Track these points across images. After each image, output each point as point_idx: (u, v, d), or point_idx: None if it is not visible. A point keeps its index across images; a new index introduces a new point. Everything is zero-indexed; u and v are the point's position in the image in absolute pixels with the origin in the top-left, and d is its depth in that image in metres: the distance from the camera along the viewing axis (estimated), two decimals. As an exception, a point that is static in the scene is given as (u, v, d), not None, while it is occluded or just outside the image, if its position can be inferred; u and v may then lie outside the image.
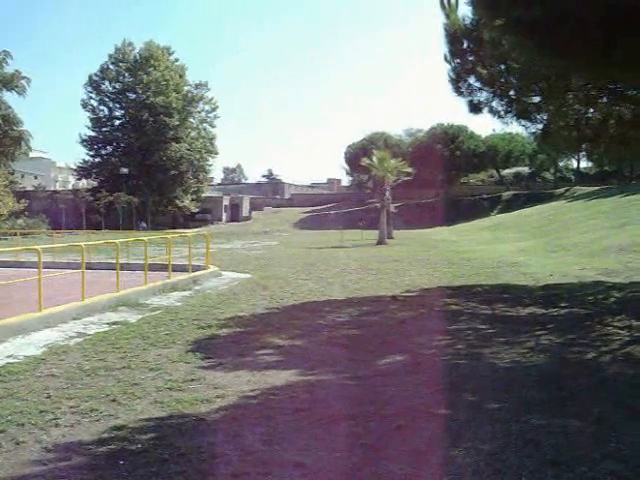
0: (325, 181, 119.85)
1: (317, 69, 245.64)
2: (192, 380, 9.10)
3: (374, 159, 47.35)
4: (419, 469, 6.03)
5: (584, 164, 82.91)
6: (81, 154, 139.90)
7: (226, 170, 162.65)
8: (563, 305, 15.44)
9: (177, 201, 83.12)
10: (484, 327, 13.05)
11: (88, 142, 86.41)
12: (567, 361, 10.17)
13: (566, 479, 5.76)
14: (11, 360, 10.34)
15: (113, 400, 8.16)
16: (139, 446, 6.64)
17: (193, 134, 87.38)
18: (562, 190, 72.00)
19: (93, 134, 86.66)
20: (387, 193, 47.58)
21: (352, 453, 6.43)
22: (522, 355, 10.49)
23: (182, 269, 22.27)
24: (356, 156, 71.31)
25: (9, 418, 7.44)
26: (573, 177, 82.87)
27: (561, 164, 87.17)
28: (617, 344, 11.30)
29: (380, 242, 43.88)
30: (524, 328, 12.68)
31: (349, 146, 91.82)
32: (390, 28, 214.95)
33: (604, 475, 5.83)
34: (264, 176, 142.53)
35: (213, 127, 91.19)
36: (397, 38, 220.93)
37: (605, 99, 18.58)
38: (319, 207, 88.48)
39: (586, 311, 14.68)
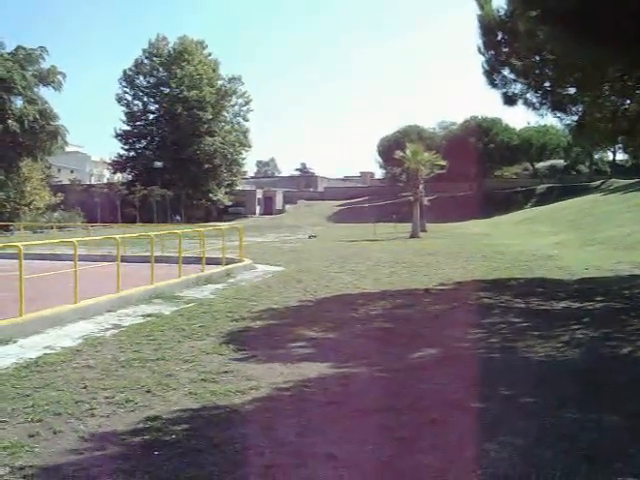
0: (358, 174, 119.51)
1: (350, 63, 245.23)
2: (225, 372, 9.15)
3: (407, 152, 47.19)
4: (453, 463, 6.00)
5: (620, 156, 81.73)
6: (116, 148, 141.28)
7: (259, 163, 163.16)
8: (598, 299, 15.27)
9: (211, 194, 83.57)
10: (518, 321, 12.96)
11: (123, 136, 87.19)
12: (602, 356, 10.06)
13: (601, 475, 5.70)
14: (48, 351, 10.48)
15: (148, 391, 8.23)
16: (173, 437, 6.69)
17: (227, 128, 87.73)
18: (598, 183, 71.08)
19: (128, 128, 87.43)
20: (420, 186, 47.39)
21: (385, 446, 6.42)
22: (556, 349, 10.40)
23: (216, 262, 22.38)
24: (389, 149, 71.14)
25: (46, 408, 7.54)
26: (609, 170, 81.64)
27: (596, 157, 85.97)
28: (654, 339, 11.17)
29: (413, 235, 43.74)
30: (559, 322, 12.57)
31: (382, 139, 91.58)
32: (423, 21, 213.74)
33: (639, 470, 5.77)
34: (297, 169, 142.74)
35: (246, 121, 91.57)
36: (430, 30, 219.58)
37: (642, 90, 18.33)
38: (352, 200, 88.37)
39: (622, 305, 14.52)
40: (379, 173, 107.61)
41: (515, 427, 6.87)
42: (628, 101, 18.86)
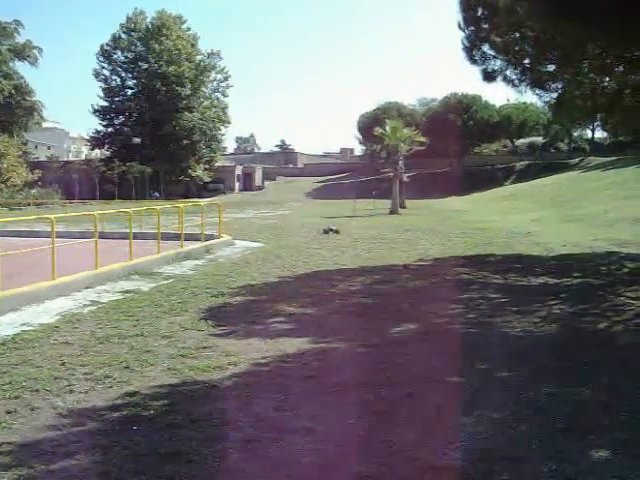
0: (338, 151, 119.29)
1: (331, 39, 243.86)
2: (204, 347, 9.16)
3: (387, 128, 47.13)
4: (430, 436, 6.06)
5: (599, 134, 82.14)
6: (94, 124, 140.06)
7: (239, 140, 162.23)
8: (576, 275, 15.40)
9: (190, 171, 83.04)
10: (496, 296, 13.05)
11: (101, 112, 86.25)
12: (579, 331, 10.16)
13: (576, 447, 5.77)
14: (26, 328, 10.43)
15: (126, 367, 8.22)
16: (151, 412, 6.70)
17: (205, 103, 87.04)
18: (576, 160, 71.44)
19: (105, 104, 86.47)
20: (400, 163, 47.40)
21: (363, 420, 6.47)
22: (534, 324, 10.49)
23: (195, 238, 22.32)
24: (369, 126, 70.88)
25: (24, 384, 7.52)
26: (588, 147, 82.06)
27: (575, 134, 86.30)
28: (629, 314, 11.28)
29: (393, 211, 43.80)
30: (536, 298, 12.66)
31: (362, 115, 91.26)
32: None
33: (613, 443, 5.85)
34: (277, 146, 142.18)
35: (226, 96, 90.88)
36: (412, 6, 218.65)
37: (621, 68, 18.37)
38: (332, 177, 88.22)
39: (599, 281, 14.64)
40: (359, 149, 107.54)
41: (492, 401, 6.94)
42: (607, 78, 18.91)
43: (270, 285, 14.50)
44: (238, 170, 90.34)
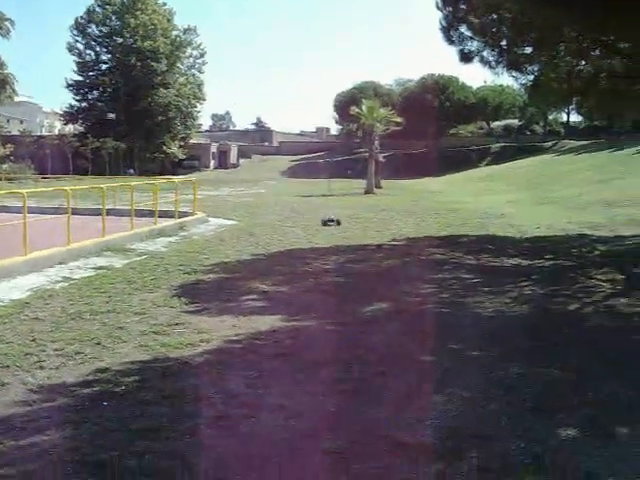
0: (314, 130, 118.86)
1: (308, 17, 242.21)
2: (177, 324, 9.13)
3: (363, 108, 47.03)
4: (400, 414, 6.10)
5: (574, 118, 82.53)
6: (68, 99, 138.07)
7: (215, 117, 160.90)
8: (548, 257, 15.52)
9: (165, 147, 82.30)
10: (469, 277, 13.13)
11: (74, 86, 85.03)
12: (550, 312, 10.26)
13: (544, 425, 5.84)
14: (-4, 303, 10.33)
15: (98, 343, 8.18)
16: (123, 388, 6.68)
17: (181, 80, 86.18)
18: (551, 143, 71.84)
19: (79, 78, 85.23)
20: (376, 142, 47.38)
21: (334, 397, 6.50)
22: (506, 305, 10.58)
23: (169, 215, 22.20)
24: (345, 105, 70.58)
25: (-6, 360, 7.46)
26: (563, 131, 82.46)
27: (551, 117, 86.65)
28: (600, 296, 11.40)
29: (368, 191, 43.80)
30: (508, 279, 12.76)
31: (338, 95, 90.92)
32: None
33: (581, 421, 5.92)
34: (253, 124, 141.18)
35: (202, 73, 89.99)
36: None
37: (597, 52, 18.45)
38: (307, 155, 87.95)
39: (571, 263, 14.78)
40: (335, 129, 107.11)
41: (463, 380, 7.00)
42: (583, 62, 18.98)
43: (243, 263, 14.48)
44: (213, 147, 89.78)
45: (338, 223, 22.37)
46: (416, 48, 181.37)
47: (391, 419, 5.98)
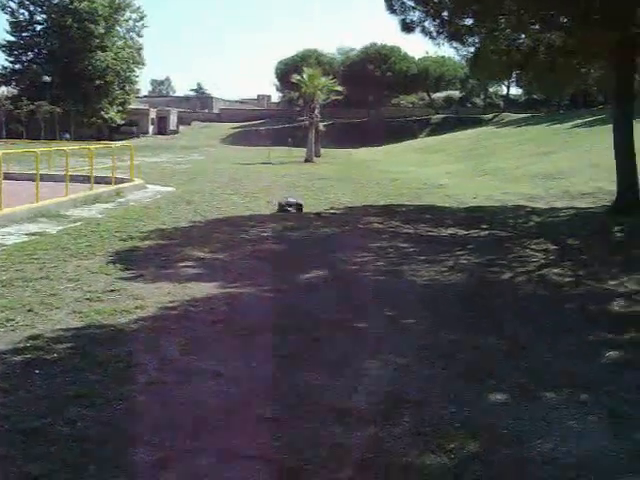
0: (255, 97, 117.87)
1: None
2: (112, 291, 9.02)
3: (304, 76, 46.78)
4: (335, 380, 6.14)
5: (514, 91, 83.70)
6: (0, 60, 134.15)
7: (154, 82, 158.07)
8: (484, 227, 15.73)
9: (102, 112, 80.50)
10: (405, 246, 13.24)
11: (7, 47, 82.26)
12: (484, 280, 10.42)
13: (476, 391, 5.96)
14: None
15: (30, 310, 8.01)
16: (55, 355, 6.57)
17: (120, 43, 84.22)
18: (491, 116, 72.80)
19: (13, 39, 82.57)
20: (316, 111, 47.23)
21: (269, 364, 6.51)
22: (441, 274, 10.71)
23: (105, 181, 21.85)
24: (287, 73, 70.12)
25: None
26: (503, 103, 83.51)
27: (491, 90, 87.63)
28: (533, 266, 11.60)
29: (308, 160, 43.74)
30: (444, 248, 12.91)
31: (280, 62, 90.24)
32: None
33: (511, 387, 6.05)
34: (193, 90, 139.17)
35: (140, 37, 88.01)
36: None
37: (537, 26, 18.62)
38: (248, 123, 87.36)
39: (506, 233, 15.00)
40: (276, 97, 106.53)
41: (397, 347, 7.07)
42: (523, 36, 19.14)
43: (181, 230, 14.35)
44: (152, 113, 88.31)
45: (299, 208, 17.59)
46: (360, 17, 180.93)
47: (326, 385, 6.01)
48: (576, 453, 4.91)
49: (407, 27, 19.04)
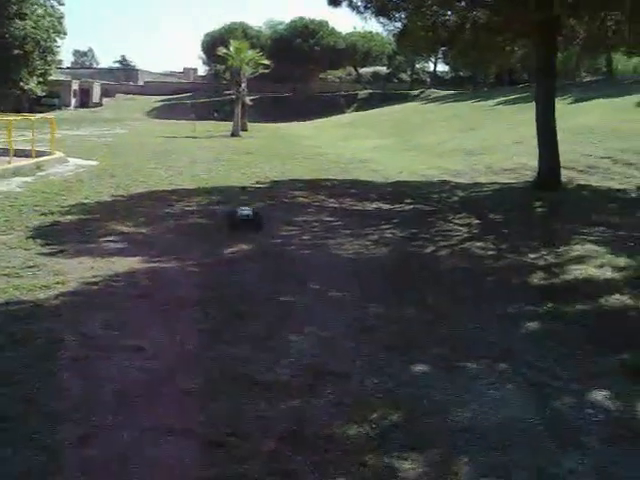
0: (181, 70, 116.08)
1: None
2: (31, 267, 8.80)
3: (231, 49, 46.22)
4: (258, 353, 6.14)
5: (441, 68, 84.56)
6: None
7: (77, 53, 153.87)
8: (409, 202, 15.89)
9: (21, 83, 78.09)
10: (331, 219, 13.29)
11: None
12: (408, 254, 10.55)
13: (398, 362, 6.05)
14: None
15: (-55, 286, 7.79)
16: (-30, 333, 6.40)
17: (39, 11, 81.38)
18: (418, 92, 73.37)
19: None
20: (243, 85, 46.78)
21: (192, 338, 6.48)
22: (366, 247, 10.79)
23: (24, 155, 21.19)
24: (214, 46, 69.11)
25: None
26: (429, 80, 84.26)
27: (418, 66, 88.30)
28: (456, 240, 11.79)
29: (234, 134, 43.34)
30: (369, 222, 13.00)
31: (207, 35, 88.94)
32: None
33: (432, 358, 6.17)
34: (117, 62, 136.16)
35: (62, 5, 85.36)
36: None
37: (463, 3, 18.79)
38: (174, 96, 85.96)
39: (430, 208, 15.19)
40: (202, 70, 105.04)
41: (321, 320, 7.11)
42: (449, 12, 19.28)
43: (103, 204, 14.07)
44: (75, 85, 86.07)
45: (258, 224, 11.78)
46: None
47: (249, 358, 6.02)
48: (494, 420, 5.04)
49: (334, 1, 18.98)
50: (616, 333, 6.95)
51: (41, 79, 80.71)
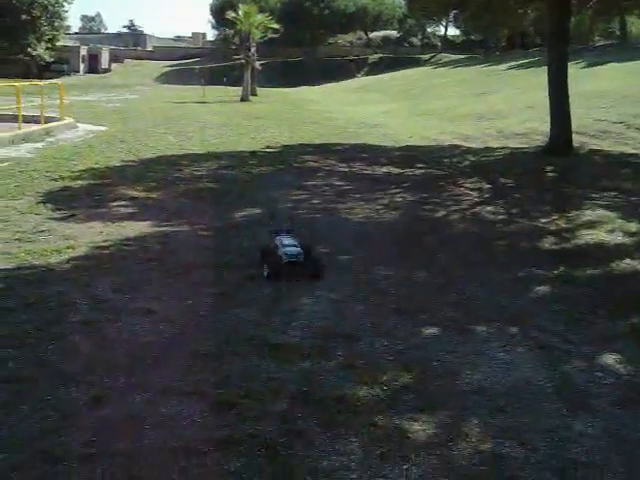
0: (189, 35, 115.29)
1: None
2: (42, 231, 8.84)
3: (240, 13, 45.83)
4: (269, 316, 6.16)
5: (452, 32, 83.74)
6: None
7: (84, 18, 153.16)
8: (419, 166, 15.82)
9: (30, 49, 77.74)
10: (341, 184, 13.24)
11: None
12: (418, 218, 10.53)
13: (408, 325, 6.06)
14: None
15: (-44, 249, 7.83)
16: (-17, 297, 6.44)
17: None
18: (428, 56, 72.72)
19: None
20: (252, 49, 46.44)
21: (203, 301, 6.51)
22: (376, 211, 10.77)
23: (34, 120, 21.15)
24: (222, 10, 68.47)
25: None
26: (440, 44, 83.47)
27: (429, 30, 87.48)
28: (467, 204, 11.75)
29: (243, 99, 43.13)
30: (380, 186, 12.96)
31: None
32: None
33: (442, 321, 6.18)
34: (125, 27, 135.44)
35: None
36: None
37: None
38: (182, 61, 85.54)
39: (441, 172, 15.12)
40: (211, 34, 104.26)
41: (331, 283, 7.12)
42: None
43: (113, 169, 14.06)
44: (83, 51, 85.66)
45: (315, 270, 7.41)
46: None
47: (260, 321, 6.04)
48: (504, 383, 5.06)
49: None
50: (627, 297, 6.94)
51: (49, 45, 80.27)
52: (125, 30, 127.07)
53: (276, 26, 47.79)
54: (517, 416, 4.62)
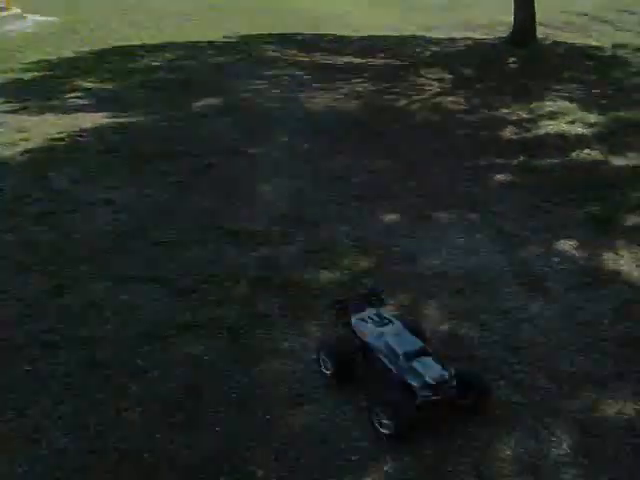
0: None
1: None
2: (-7, 126, 8.59)
3: None
4: (229, 204, 6.16)
5: None
6: None
7: None
8: (381, 56, 15.50)
9: None
10: (301, 74, 12.91)
11: None
12: (380, 108, 10.37)
13: (369, 212, 6.10)
14: None
15: None
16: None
17: None
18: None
19: None
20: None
21: (162, 190, 6.45)
22: (337, 101, 10.58)
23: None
24: None
25: None
26: None
27: None
28: (428, 94, 11.58)
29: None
30: (341, 75, 12.67)
31: None
32: None
33: (403, 208, 6.24)
34: None
35: None
36: None
37: None
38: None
39: (403, 62, 14.85)
40: None
41: (292, 171, 7.09)
42: None
43: (66, 60, 13.51)
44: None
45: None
46: None
47: (219, 209, 6.02)
48: (463, 267, 5.14)
49: None
50: (585, 186, 6.99)
51: None
52: None
53: None
54: (475, 299, 4.73)
